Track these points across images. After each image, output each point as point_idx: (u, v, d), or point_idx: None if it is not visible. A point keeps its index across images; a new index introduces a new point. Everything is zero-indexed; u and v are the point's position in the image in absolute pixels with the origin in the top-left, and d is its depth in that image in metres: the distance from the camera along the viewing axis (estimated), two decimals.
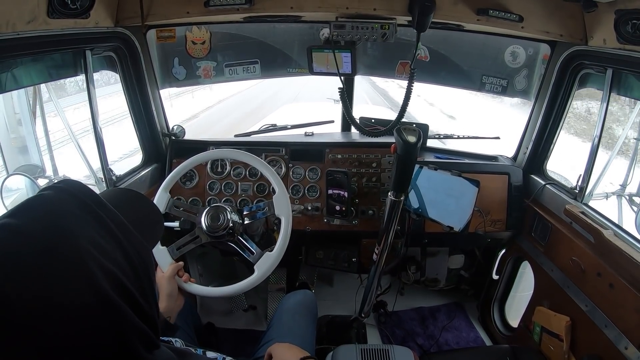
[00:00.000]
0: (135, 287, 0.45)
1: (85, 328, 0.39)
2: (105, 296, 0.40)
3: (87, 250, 0.41)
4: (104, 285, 0.40)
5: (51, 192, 0.45)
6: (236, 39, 1.79)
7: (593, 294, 1.24)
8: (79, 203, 0.45)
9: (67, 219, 0.43)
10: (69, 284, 0.39)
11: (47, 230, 0.41)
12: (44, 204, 0.44)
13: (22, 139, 1.79)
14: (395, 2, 1.38)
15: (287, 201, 1.29)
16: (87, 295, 0.39)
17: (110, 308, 0.41)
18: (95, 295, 0.40)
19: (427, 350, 1.87)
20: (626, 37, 1.13)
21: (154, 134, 1.75)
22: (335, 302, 2.06)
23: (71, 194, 0.45)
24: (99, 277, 0.40)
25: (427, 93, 12.86)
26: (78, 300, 0.39)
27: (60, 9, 1.10)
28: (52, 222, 0.42)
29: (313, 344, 1.25)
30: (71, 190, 0.46)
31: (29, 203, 0.44)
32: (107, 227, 0.45)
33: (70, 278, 0.39)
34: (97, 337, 0.40)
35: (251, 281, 1.23)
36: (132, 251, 0.46)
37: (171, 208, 1.34)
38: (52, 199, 0.44)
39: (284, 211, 1.28)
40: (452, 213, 1.47)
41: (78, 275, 0.39)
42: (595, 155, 1.39)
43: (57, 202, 0.44)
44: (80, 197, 0.46)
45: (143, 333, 0.44)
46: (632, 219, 1.44)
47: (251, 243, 1.28)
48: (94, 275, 0.40)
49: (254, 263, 1.24)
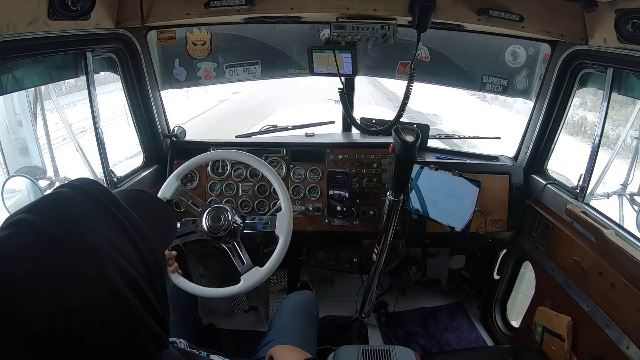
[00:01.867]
0: (149, 287, 0.44)
1: (98, 328, 0.38)
2: (121, 296, 0.40)
3: (104, 249, 0.41)
4: (120, 285, 0.40)
5: (68, 190, 0.45)
6: (237, 40, 1.79)
7: (594, 294, 1.24)
8: (95, 202, 0.45)
9: (84, 217, 0.42)
10: (84, 282, 0.38)
11: (64, 227, 0.40)
12: (60, 202, 0.43)
13: (23, 140, 1.80)
14: (396, 3, 1.38)
15: (290, 221, 1.27)
16: (102, 295, 0.39)
17: (125, 308, 0.40)
18: (111, 295, 0.39)
19: (428, 350, 1.87)
20: (627, 37, 1.13)
21: (155, 135, 1.75)
22: (336, 303, 2.06)
23: (88, 192, 0.45)
24: (116, 277, 0.40)
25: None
26: (93, 299, 0.38)
27: (60, 10, 1.10)
28: (68, 219, 0.41)
29: (314, 345, 1.25)
30: (88, 189, 0.46)
31: (46, 200, 0.43)
32: (123, 227, 0.45)
33: (86, 276, 0.39)
34: (110, 338, 0.39)
35: (234, 290, 1.23)
36: (147, 251, 0.46)
37: (177, 196, 1.34)
38: (69, 196, 0.44)
39: (284, 231, 1.26)
40: (453, 213, 1.47)
41: (94, 274, 0.39)
42: (596, 154, 1.39)
43: (74, 199, 0.44)
44: (97, 195, 0.45)
45: (155, 333, 0.44)
46: (633, 218, 1.44)
47: (244, 252, 1.26)
48: (110, 275, 0.40)
49: (241, 273, 1.24)
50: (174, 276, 1.21)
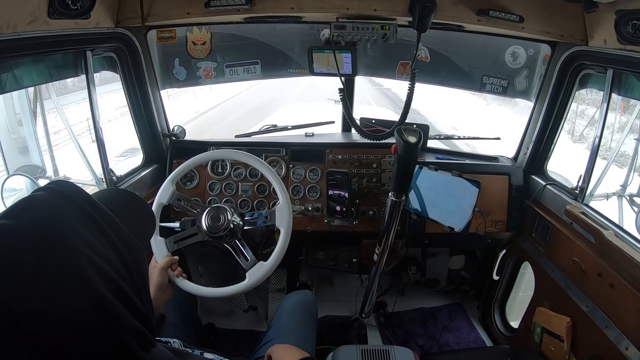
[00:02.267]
0: (129, 286, 0.44)
1: (80, 330, 0.38)
2: (100, 297, 0.40)
3: (81, 251, 0.41)
4: (98, 286, 0.40)
5: (44, 193, 0.45)
6: (237, 39, 1.79)
7: (594, 295, 1.24)
8: (71, 204, 0.45)
9: (60, 220, 0.43)
10: (63, 285, 0.38)
11: (41, 231, 0.40)
12: (37, 205, 0.43)
13: (23, 140, 1.80)
14: (396, 3, 1.38)
15: (289, 213, 1.28)
16: (81, 297, 0.39)
17: (105, 309, 0.40)
18: (89, 296, 0.39)
19: (427, 350, 1.87)
20: (627, 38, 1.13)
21: (155, 135, 1.75)
22: (335, 303, 2.06)
23: (64, 194, 0.45)
24: (94, 278, 0.40)
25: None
26: (73, 302, 0.38)
27: (60, 9, 1.10)
28: (45, 223, 0.41)
29: (313, 345, 1.25)
30: (63, 191, 0.46)
31: (20, 205, 0.43)
32: (99, 228, 0.45)
33: (64, 279, 0.39)
34: (93, 339, 0.39)
35: (240, 288, 1.23)
36: (126, 251, 0.46)
37: (174, 201, 1.33)
38: (45, 199, 0.44)
39: (284, 223, 1.27)
40: (453, 213, 1.47)
41: (72, 275, 0.39)
42: (596, 155, 1.39)
43: (50, 203, 0.44)
44: (73, 197, 0.46)
45: (138, 332, 0.44)
46: (632, 219, 1.44)
47: (247, 249, 1.27)
48: (88, 276, 0.40)
49: (246, 270, 1.24)
50: (179, 280, 1.21)
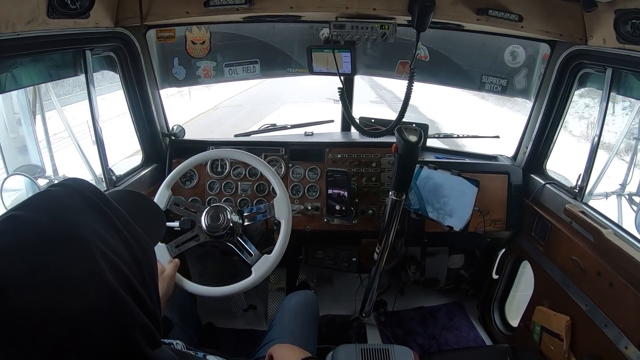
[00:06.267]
0: (140, 283, 0.45)
1: (92, 326, 0.38)
2: (113, 292, 0.40)
3: (94, 243, 0.41)
4: (112, 282, 0.40)
5: (58, 189, 0.46)
6: (236, 38, 1.78)
7: (593, 294, 1.24)
8: (85, 199, 0.46)
9: (73, 213, 0.43)
10: (77, 279, 0.38)
11: (54, 222, 0.41)
12: (52, 200, 0.44)
13: (22, 139, 1.79)
14: (395, 2, 1.38)
15: (288, 204, 1.29)
16: (96, 293, 0.39)
17: (118, 304, 0.41)
18: (102, 289, 0.39)
19: (427, 349, 1.87)
20: (626, 37, 1.13)
21: (154, 134, 1.75)
22: (335, 302, 2.06)
23: (78, 191, 0.47)
24: (108, 273, 0.40)
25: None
26: (87, 296, 0.38)
27: (60, 9, 1.10)
28: (61, 217, 0.42)
29: (315, 345, 1.26)
30: (78, 188, 0.47)
31: (38, 198, 0.45)
32: (112, 223, 0.46)
33: (79, 274, 0.39)
34: (103, 334, 0.39)
35: (248, 283, 1.23)
36: (137, 247, 0.47)
37: (172, 206, 1.33)
38: (59, 194, 0.45)
39: (284, 214, 1.28)
40: (452, 212, 1.47)
41: (87, 271, 0.39)
42: (595, 154, 1.39)
43: (64, 197, 0.45)
44: (87, 193, 0.47)
45: (147, 330, 0.44)
46: (631, 218, 1.44)
47: (250, 244, 1.28)
48: (102, 271, 0.40)
49: (251, 265, 1.25)
50: (188, 284, 1.22)
